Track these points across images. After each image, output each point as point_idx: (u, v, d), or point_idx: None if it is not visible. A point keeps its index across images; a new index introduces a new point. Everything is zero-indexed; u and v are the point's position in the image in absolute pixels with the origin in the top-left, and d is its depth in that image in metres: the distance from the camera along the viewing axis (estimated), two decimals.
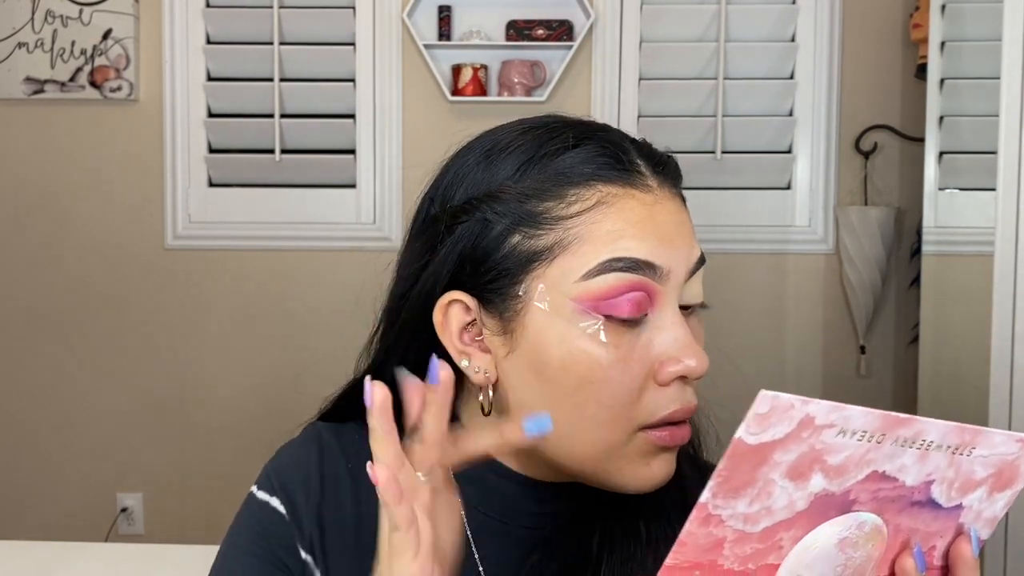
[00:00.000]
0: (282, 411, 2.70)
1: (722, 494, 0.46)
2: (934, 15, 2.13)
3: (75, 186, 2.73)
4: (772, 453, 0.46)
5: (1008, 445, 0.50)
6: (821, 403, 0.45)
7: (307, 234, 2.70)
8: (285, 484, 0.72)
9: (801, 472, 0.47)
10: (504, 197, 0.65)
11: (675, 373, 0.63)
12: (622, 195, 0.64)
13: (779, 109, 2.66)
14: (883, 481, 0.49)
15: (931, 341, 2.25)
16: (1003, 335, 1.68)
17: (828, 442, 0.46)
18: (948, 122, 2.17)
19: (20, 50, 2.67)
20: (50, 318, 2.75)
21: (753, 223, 2.67)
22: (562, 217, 0.63)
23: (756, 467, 0.46)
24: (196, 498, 2.73)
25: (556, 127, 0.68)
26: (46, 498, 2.78)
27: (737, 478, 0.46)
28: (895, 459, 0.48)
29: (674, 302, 0.65)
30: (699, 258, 0.68)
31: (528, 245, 0.64)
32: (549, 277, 0.63)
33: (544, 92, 2.62)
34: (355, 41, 2.66)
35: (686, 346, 0.64)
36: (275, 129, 2.65)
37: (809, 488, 0.47)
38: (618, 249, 0.62)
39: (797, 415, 0.45)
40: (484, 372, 0.67)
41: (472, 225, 0.65)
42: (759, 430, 0.45)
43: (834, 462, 0.47)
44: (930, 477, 0.50)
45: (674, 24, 2.63)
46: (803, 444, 0.46)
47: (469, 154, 0.69)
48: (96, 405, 2.76)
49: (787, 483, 0.47)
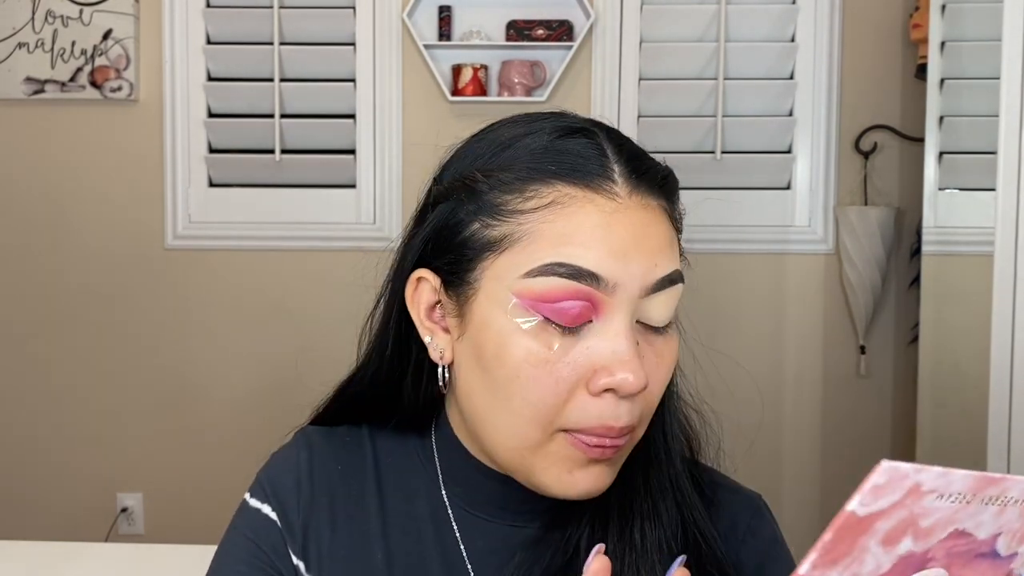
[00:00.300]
0: (282, 411, 2.69)
1: (821, 565, 0.45)
2: (934, 15, 2.13)
3: (75, 186, 2.73)
4: (876, 522, 0.45)
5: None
6: (932, 470, 0.44)
7: (307, 234, 2.70)
8: (276, 490, 0.73)
9: (894, 538, 0.46)
10: (473, 185, 0.65)
11: (604, 385, 0.61)
12: (580, 198, 0.62)
13: (779, 109, 2.66)
14: (960, 538, 0.48)
15: (931, 341, 2.25)
16: (1003, 335, 1.68)
17: (927, 507, 0.45)
18: (948, 122, 2.16)
19: (20, 50, 2.67)
20: (50, 318, 2.75)
21: (753, 223, 2.67)
22: (517, 211, 0.63)
23: (858, 536, 0.45)
24: (196, 498, 2.73)
25: (542, 121, 0.68)
26: (46, 498, 2.78)
27: (839, 549, 0.45)
28: (976, 516, 0.47)
29: (624, 314, 0.62)
30: (665, 277, 0.64)
31: (484, 234, 0.64)
32: (497, 268, 0.63)
33: (544, 92, 2.62)
34: (355, 41, 2.66)
35: (623, 361, 0.61)
36: (275, 129, 2.65)
37: (897, 551, 0.47)
38: (562, 254, 0.61)
39: (908, 484, 0.44)
40: (440, 351, 0.68)
41: (446, 207, 0.67)
42: (871, 501, 0.44)
43: (925, 525, 0.46)
44: (999, 530, 0.49)
45: (674, 24, 2.63)
46: (904, 511, 0.45)
47: (473, 136, 0.71)
48: (96, 405, 2.76)
49: (879, 549, 0.46)
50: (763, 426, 2.57)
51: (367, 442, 0.76)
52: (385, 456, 0.75)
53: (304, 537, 0.71)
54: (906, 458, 2.38)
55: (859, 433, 2.68)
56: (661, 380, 0.66)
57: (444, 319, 0.68)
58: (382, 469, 0.74)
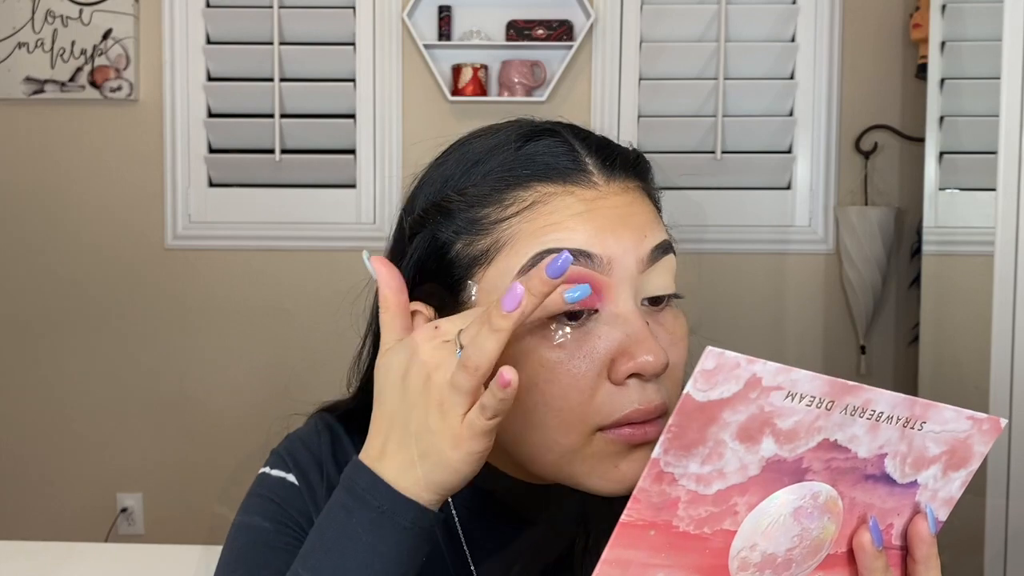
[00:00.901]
0: (282, 411, 2.70)
1: (673, 450, 0.47)
2: (934, 15, 2.13)
3: (75, 186, 2.73)
4: (721, 412, 0.46)
5: (959, 422, 0.50)
6: (768, 364, 0.45)
7: (307, 234, 2.70)
8: (299, 463, 0.72)
9: (751, 435, 0.47)
10: (448, 207, 0.64)
11: (628, 371, 0.59)
12: (560, 193, 0.62)
13: (779, 109, 2.66)
14: (835, 450, 0.49)
15: (931, 341, 2.25)
16: (1003, 335, 1.68)
17: (777, 405, 0.47)
18: (948, 122, 2.17)
19: (20, 50, 2.67)
20: (50, 318, 2.75)
21: (753, 223, 2.67)
22: (499, 220, 0.62)
23: (705, 425, 0.46)
24: (196, 498, 2.72)
25: (505, 131, 0.67)
26: (46, 498, 2.78)
27: (687, 435, 0.46)
28: (846, 428, 0.48)
29: (628, 294, 0.61)
30: (656, 246, 0.63)
31: (469, 251, 0.63)
32: (488, 279, 0.62)
33: (544, 92, 2.62)
34: (355, 41, 2.66)
35: (640, 341, 0.59)
36: (275, 129, 2.65)
37: (760, 452, 0.48)
38: (549, 241, 0.60)
39: (744, 374, 0.45)
40: None
41: (425, 235, 0.65)
42: (707, 387, 0.45)
43: (784, 426, 0.47)
44: (882, 450, 0.50)
45: (674, 24, 2.63)
46: (752, 405, 0.46)
47: (434, 162, 0.70)
48: (96, 405, 2.76)
49: (737, 445, 0.47)
50: None
51: None
52: None
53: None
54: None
55: None
56: (680, 355, 0.64)
57: None
58: None
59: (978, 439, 0.51)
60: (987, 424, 0.51)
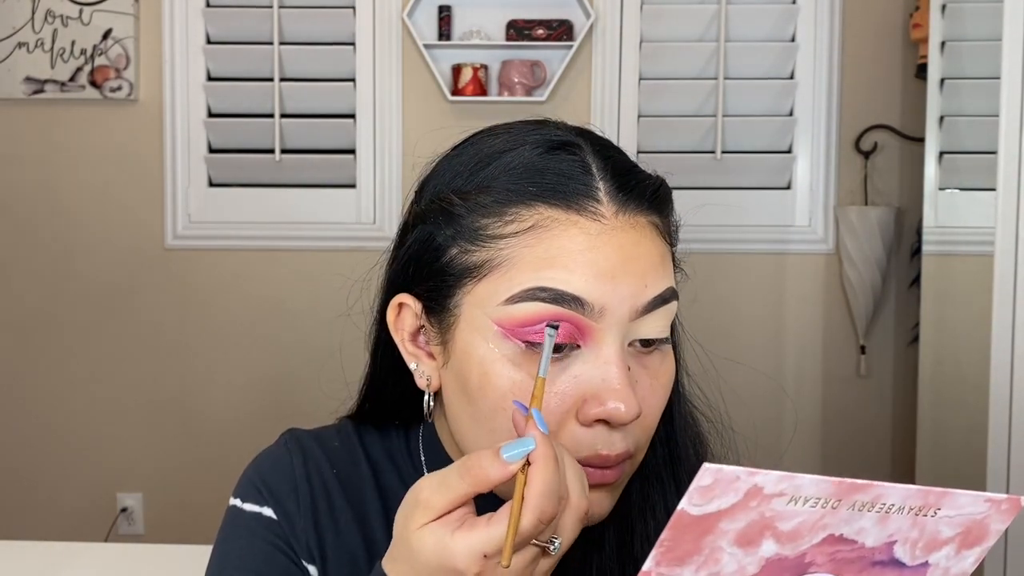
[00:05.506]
0: (282, 411, 2.70)
1: (666, 563, 0.46)
2: (934, 15, 2.13)
3: (75, 186, 2.73)
4: (718, 523, 0.45)
5: (976, 505, 0.49)
6: (770, 474, 0.44)
7: (307, 234, 2.70)
8: (274, 492, 0.70)
9: (751, 539, 0.46)
10: (450, 208, 0.63)
11: (596, 416, 0.59)
12: (563, 221, 0.60)
13: (779, 109, 2.66)
14: (840, 543, 0.48)
15: (931, 341, 2.25)
16: (1003, 335, 1.68)
17: (779, 510, 0.46)
18: (948, 122, 2.17)
19: (20, 50, 2.67)
20: (50, 318, 2.75)
21: (753, 223, 2.67)
22: (497, 236, 0.60)
23: (700, 536, 0.46)
24: (196, 498, 2.72)
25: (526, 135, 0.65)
26: (46, 498, 2.78)
27: (681, 547, 0.46)
28: (853, 523, 0.47)
29: (614, 339, 0.59)
30: (656, 297, 0.61)
31: (463, 260, 0.62)
32: (477, 295, 0.61)
33: (544, 92, 2.62)
34: (355, 41, 2.66)
35: (614, 389, 0.58)
36: (275, 129, 2.65)
37: (760, 553, 0.47)
38: (543, 279, 0.58)
39: (743, 486, 0.44)
40: (427, 378, 0.66)
41: (424, 231, 0.64)
42: (702, 502, 0.45)
43: (786, 528, 0.46)
44: (892, 538, 0.49)
45: (674, 24, 2.63)
46: (752, 512, 0.45)
47: (451, 151, 0.69)
48: (96, 405, 2.76)
49: (736, 550, 0.47)
50: (763, 426, 2.57)
51: (356, 446, 0.74)
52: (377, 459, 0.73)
53: (310, 541, 0.69)
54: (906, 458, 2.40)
55: (859, 433, 2.68)
56: (657, 404, 0.63)
57: (428, 345, 0.66)
58: (378, 473, 0.73)
59: (996, 519, 0.50)
60: (1006, 504, 0.49)
